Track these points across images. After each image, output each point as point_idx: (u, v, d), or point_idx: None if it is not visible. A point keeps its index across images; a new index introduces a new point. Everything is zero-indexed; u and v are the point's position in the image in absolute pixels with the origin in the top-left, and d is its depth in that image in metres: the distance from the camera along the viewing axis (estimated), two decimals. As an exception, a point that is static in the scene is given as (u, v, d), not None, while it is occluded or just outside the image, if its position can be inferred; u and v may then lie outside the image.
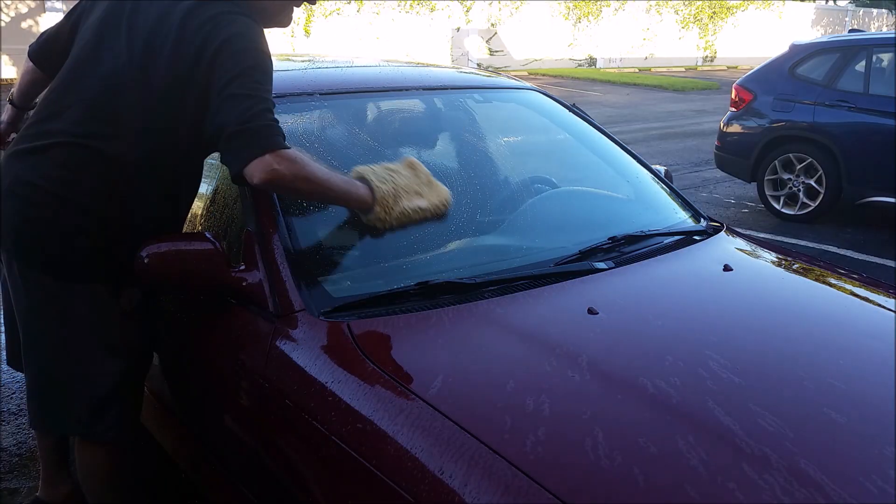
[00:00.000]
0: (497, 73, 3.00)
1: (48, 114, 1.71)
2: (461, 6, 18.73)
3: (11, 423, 2.88)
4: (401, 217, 1.71)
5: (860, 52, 6.02)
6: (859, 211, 6.10)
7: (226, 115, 1.55)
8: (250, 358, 1.59)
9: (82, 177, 1.65)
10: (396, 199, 1.70)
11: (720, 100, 14.54)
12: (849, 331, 1.72)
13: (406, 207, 1.71)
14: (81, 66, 1.71)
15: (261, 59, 1.62)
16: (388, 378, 1.36)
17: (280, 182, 1.56)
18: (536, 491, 1.09)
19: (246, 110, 1.54)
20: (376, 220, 1.70)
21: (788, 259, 2.17)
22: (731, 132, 6.64)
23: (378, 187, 1.69)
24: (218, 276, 1.63)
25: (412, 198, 1.73)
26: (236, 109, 1.54)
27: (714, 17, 23.53)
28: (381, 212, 1.68)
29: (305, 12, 16.30)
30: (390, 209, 1.69)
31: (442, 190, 1.80)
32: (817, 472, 1.14)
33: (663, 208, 2.36)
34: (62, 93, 1.71)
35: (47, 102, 1.73)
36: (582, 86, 16.86)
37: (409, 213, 1.72)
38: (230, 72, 1.56)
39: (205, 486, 1.93)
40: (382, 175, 1.72)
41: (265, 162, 1.52)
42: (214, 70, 1.58)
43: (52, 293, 1.70)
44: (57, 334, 1.73)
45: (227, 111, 1.55)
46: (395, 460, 1.21)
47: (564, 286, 1.72)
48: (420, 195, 1.75)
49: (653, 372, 1.38)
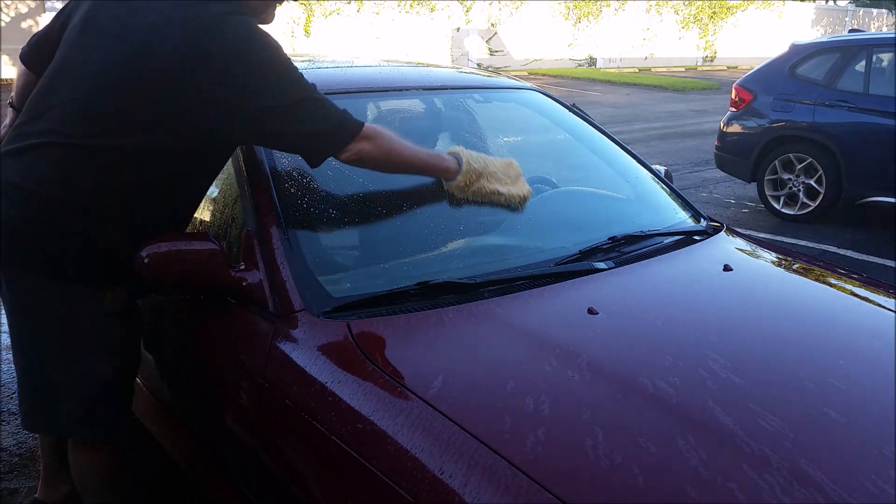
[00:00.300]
0: (497, 73, 3.00)
1: (36, 113, 1.69)
2: (461, 6, 18.74)
3: (11, 423, 2.88)
4: (477, 192, 1.88)
5: (860, 52, 6.02)
6: (859, 211, 6.10)
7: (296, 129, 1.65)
8: (250, 358, 1.59)
9: (78, 176, 1.64)
10: (480, 176, 1.87)
11: (720, 100, 14.55)
12: (849, 331, 1.72)
13: (485, 186, 1.88)
14: (68, 65, 1.70)
15: (281, 58, 1.65)
16: (388, 378, 1.36)
17: (368, 158, 1.73)
18: (536, 491, 1.09)
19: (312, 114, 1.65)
20: (456, 187, 1.86)
21: (788, 259, 2.17)
22: (731, 132, 6.64)
23: (468, 162, 1.86)
24: (218, 276, 1.63)
25: (494, 182, 1.89)
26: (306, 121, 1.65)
27: (714, 17, 23.54)
28: (463, 182, 1.85)
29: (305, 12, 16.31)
30: (471, 182, 1.86)
31: (525, 188, 1.96)
32: (817, 472, 1.14)
33: (663, 208, 2.36)
34: (49, 92, 1.70)
35: (34, 103, 1.72)
36: (582, 86, 16.86)
37: (486, 191, 1.88)
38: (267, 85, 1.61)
39: (205, 486, 1.93)
40: (476, 157, 1.90)
41: (352, 148, 1.69)
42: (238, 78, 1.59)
43: (51, 294, 1.70)
44: (54, 336, 1.72)
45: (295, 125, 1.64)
46: (394, 460, 1.21)
47: (564, 286, 1.72)
48: (503, 183, 1.91)
49: (653, 372, 1.38)
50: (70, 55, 1.71)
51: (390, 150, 1.75)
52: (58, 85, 1.70)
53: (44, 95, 1.70)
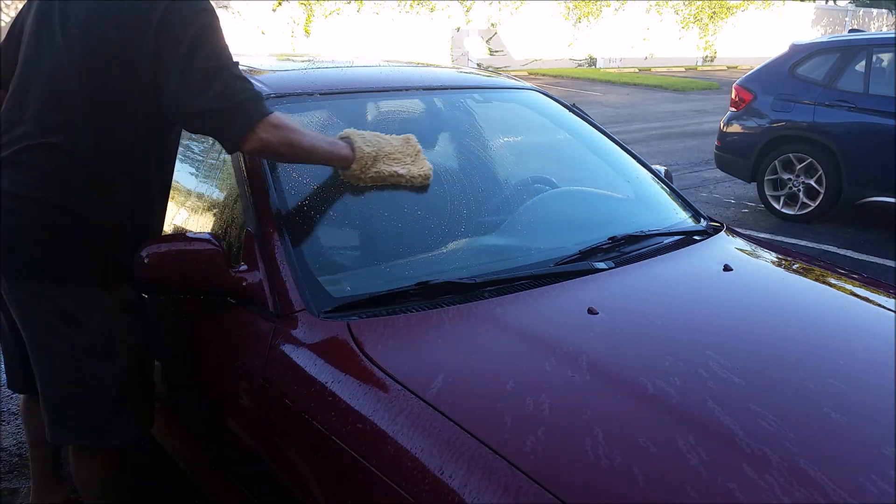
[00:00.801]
0: (497, 73, 3.00)
1: (10, 122, 1.71)
2: (461, 6, 18.73)
3: (11, 423, 2.88)
4: (376, 177, 1.82)
5: (860, 52, 6.02)
6: (859, 211, 6.10)
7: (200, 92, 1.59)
8: (250, 358, 1.59)
9: (49, 173, 1.65)
10: (375, 160, 1.80)
11: (720, 100, 14.55)
12: (849, 331, 1.72)
13: (382, 170, 1.82)
14: (27, 69, 1.72)
15: (216, 22, 1.65)
16: (388, 378, 1.36)
17: (268, 149, 1.67)
18: (536, 491, 1.09)
19: (222, 86, 1.59)
20: (351, 176, 1.80)
21: (788, 259, 2.17)
22: (731, 132, 6.64)
23: (360, 148, 1.78)
24: (218, 277, 1.63)
25: (392, 164, 1.83)
26: (212, 88, 1.59)
27: (714, 17, 23.54)
28: (358, 170, 1.79)
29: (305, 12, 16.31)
30: (367, 168, 1.79)
31: (426, 165, 1.90)
32: (817, 472, 1.14)
33: (663, 208, 2.36)
34: (21, 96, 1.72)
35: (9, 110, 1.74)
36: (582, 86, 16.86)
37: (384, 174, 1.82)
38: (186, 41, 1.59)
39: (205, 486, 1.93)
40: (369, 139, 1.82)
41: (254, 134, 1.61)
42: (166, 37, 1.59)
43: (55, 299, 1.70)
44: (61, 341, 1.72)
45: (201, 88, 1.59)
46: (394, 460, 1.21)
47: (564, 286, 1.72)
48: (403, 164, 1.85)
49: (653, 372, 1.38)
50: (26, 59, 1.74)
51: (292, 142, 1.68)
52: (23, 90, 1.72)
53: (16, 101, 1.72)
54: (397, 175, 1.84)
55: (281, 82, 2.15)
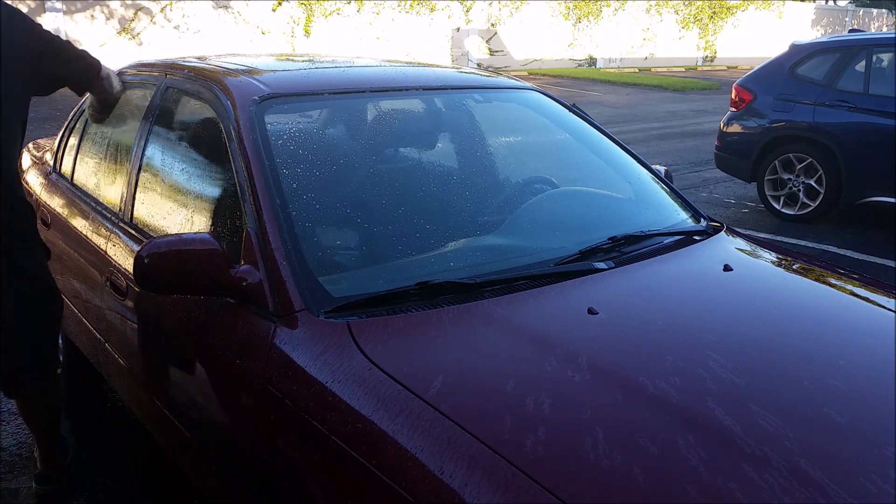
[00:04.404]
0: (497, 73, 3.00)
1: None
2: (461, 6, 18.74)
3: (11, 423, 2.88)
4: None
5: (860, 52, 6.02)
6: (859, 211, 6.11)
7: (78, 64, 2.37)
8: (250, 358, 1.59)
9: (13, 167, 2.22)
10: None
11: (720, 100, 14.56)
12: (849, 331, 1.72)
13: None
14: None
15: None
16: (388, 378, 1.36)
17: (105, 94, 2.49)
18: (536, 491, 1.09)
19: (75, 51, 2.37)
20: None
21: (788, 259, 2.17)
22: (731, 132, 6.64)
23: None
24: (218, 276, 1.63)
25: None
26: (74, 56, 2.35)
27: (714, 17, 23.55)
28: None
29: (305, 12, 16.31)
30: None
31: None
32: (817, 472, 1.14)
33: (663, 208, 2.36)
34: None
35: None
36: (582, 86, 16.87)
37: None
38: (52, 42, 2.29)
39: (205, 486, 1.93)
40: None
41: (102, 80, 2.47)
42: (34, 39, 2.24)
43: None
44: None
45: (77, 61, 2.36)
46: (395, 460, 1.21)
47: (564, 286, 1.72)
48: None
49: (653, 372, 1.38)
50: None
51: (116, 89, 2.50)
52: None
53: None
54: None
55: (281, 82, 2.15)
